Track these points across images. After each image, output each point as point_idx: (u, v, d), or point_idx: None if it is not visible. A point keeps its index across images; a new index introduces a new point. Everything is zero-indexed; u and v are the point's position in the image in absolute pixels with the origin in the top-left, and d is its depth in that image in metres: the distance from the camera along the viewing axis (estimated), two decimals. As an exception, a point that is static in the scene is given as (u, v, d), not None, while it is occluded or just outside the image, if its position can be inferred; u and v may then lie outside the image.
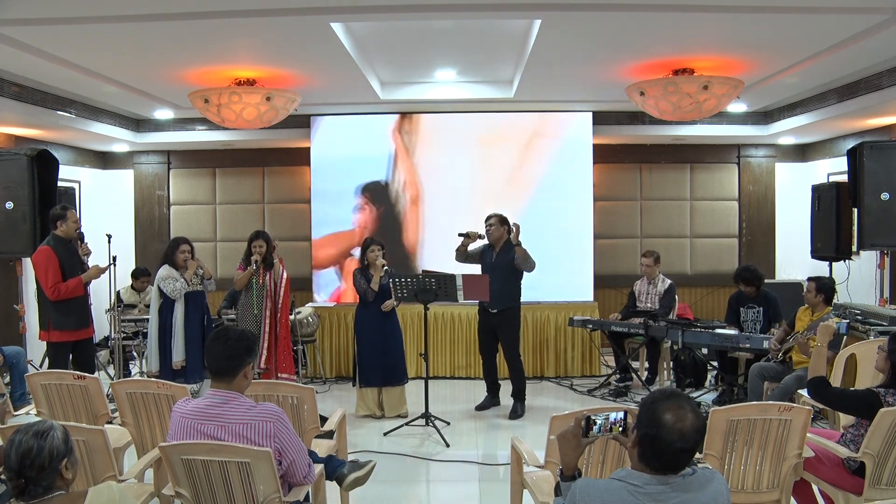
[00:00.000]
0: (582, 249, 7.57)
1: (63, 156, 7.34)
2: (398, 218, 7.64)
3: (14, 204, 5.90)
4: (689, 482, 1.94)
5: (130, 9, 4.03)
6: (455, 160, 7.55)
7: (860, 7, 4.09)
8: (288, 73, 5.67)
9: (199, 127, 7.82)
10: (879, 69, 5.54)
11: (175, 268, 5.52)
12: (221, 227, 8.49)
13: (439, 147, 7.58)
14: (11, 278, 6.45)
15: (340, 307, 7.39)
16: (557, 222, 7.51)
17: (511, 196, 7.48)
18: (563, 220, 7.53)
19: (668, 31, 4.59)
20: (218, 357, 2.69)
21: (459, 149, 7.55)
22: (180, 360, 5.41)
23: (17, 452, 2.00)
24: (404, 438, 5.31)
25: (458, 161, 7.55)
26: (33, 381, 3.85)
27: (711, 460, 3.09)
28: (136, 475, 3.31)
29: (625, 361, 6.65)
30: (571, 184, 7.56)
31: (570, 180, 7.56)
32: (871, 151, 5.96)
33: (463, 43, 5.49)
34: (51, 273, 5.03)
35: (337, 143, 7.63)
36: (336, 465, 3.28)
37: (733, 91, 5.30)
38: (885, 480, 3.15)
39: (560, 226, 7.52)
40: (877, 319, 5.60)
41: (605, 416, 2.20)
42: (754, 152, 8.40)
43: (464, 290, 5.43)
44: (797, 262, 8.26)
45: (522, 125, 7.57)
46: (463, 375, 7.28)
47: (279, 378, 5.68)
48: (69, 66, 5.22)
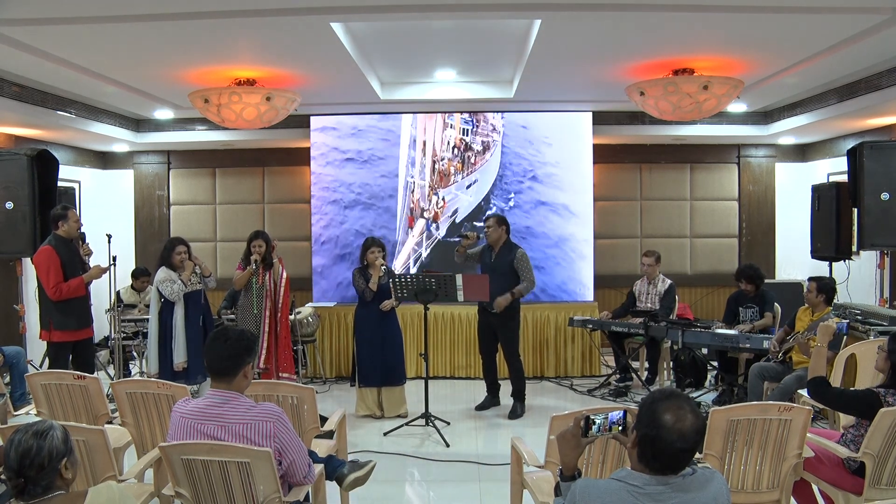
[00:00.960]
0: (582, 249, 7.58)
1: (63, 156, 7.35)
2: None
3: (14, 204, 5.90)
4: (689, 482, 1.94)
5: (130, 9, 4.03)
6: (455, 160, 7.55)
7: (860, 7, 4.09)
8: (288, 73, 5.67)
9: (199, 127, 7.82)
10: (879, 69, 5.54)
11: (172, 269, 5.51)
12: (221, 227, 8.49)
13: (439, 147, 7.57)
14: (11, 278, 6.45)
15: (340, 307, 7.39)
16: (557, 222, 7.52)
17: (511, 196, 7.48)
18: (563, 220, 7.54)
19: (668, 31, 4.59)
20: (217, 357, 2.69)
21: (460, 148, 7.55)
22: (182, 362, 5.40)
23: (17, 452, 2.00)
24: (404, 438, 5.31)
25: (458, 161, 7.54)
26: (33, 381, 3.85)
27: (711, 460, 3.09)
28: (136, 475, 3.32)
29: (625, 361, 6.65)
30: (571, 184, 7.56)
31: (571, 180, 7.57)
32: (871, 151, 5.96)
33: (463, 43, 5.49)
34: (52, 273, 5.04)
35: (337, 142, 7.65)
36: (336, 465, 3.29)
37: (733, 91, 5.30)
38: (885, 480, 3.15)
39: (560, 226, 7.53)
40: (877, 319, 5.60)
41: (605, 415, 2.20)
42: (754, 152, 8.41)
43: (464, 290, 5.44)
44: (797, 262, 8.27)
45: (522, 125, 7.57)
46: (463, 375, 7.28)
47: (280, 378, 5.69)
48: (69, 66, 5.22)
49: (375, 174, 7.62)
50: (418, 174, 7.60)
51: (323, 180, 7.66)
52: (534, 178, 7.56)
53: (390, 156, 7.61)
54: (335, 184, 7.65)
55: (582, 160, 7.57)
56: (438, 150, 7.57)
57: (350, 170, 7.63)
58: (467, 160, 7.56)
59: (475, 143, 7.56)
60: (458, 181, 7.56)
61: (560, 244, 7.52)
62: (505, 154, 7.57)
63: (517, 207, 7.52)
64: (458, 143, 7.55)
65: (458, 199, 7.57)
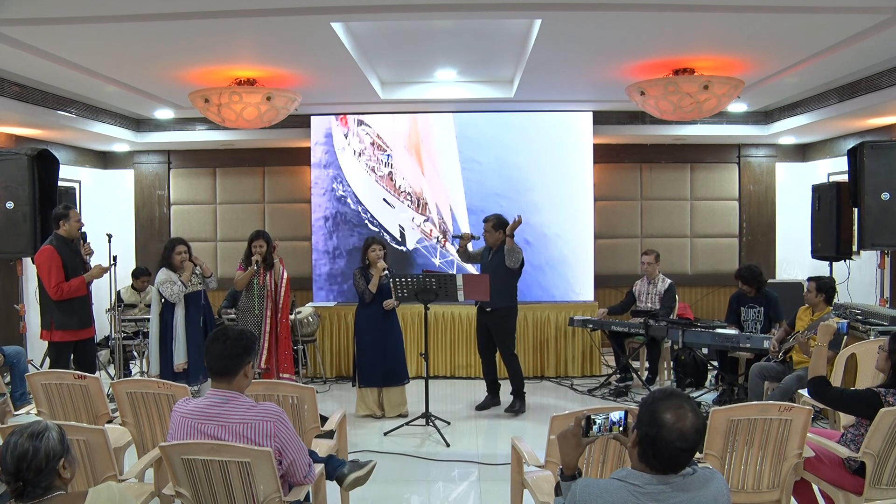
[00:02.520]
0: (582, 249, 7.58)
1: (63, 155, 7.35)
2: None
3: (15, 204, 5.90)
4: (690, 482, 1.94)
5: (130, 9, 4.03)
6: (455, 160, 7.55)
7: (860, 7, 4.09)
8: (288, 73, 5.67)
9: (199, 127, 7.82)
10: (879, 69, 5.54)
11: (173, 269, 5.51)
12: (222, 226, 8.49)
13: (440, 146, 7.58)
14: (12, 278, 6.45)
15: (340, 307, 7.39)
16: (557, 222, 7.52)
17: (511, 196, 7.49)
18: (563, 220, 7.54)
19: (668, 31, 4.59)
20: (217, 357, 2.69)
21: (460, 148, 7.55)
22: (182, 363, 5.40)
23: (14, 455, 1.98)
24: (404, 438, 5.31)
25: (458, 160, 7.55)
26: (34, 381, 3.86)
27: (712, 460, 3.09)
28: (136, 475, 3.32)
29: (625, 361, 6.65)
30: (571, 184, 7.56)
31: (570, 180, 7.56)
32: (872, 151, 5.96)
33: (463, 43, 5.49)
34: (53, 273, 5.04)
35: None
36: (336, 465, 3.29)
37: (734, 91, 5.30)
38: (886, 480, 3.15)
39: (560, 226, 7.53)
40: (877, 319, 5.60)
41: (605, 415, 2.20)
42: (755, 152, 8.40)
43: (464, 289, 5.44)
44: (797, 262, 8.27)
45: (522, 125, 7.57)
46: (463, 375, 7.28)
47: (281, 378, 5.70)
48: (69, 66, 5.22)
49: (376, 174, 7.62)
50: (418, 174, 7.60)
51: (323, 180, 7.66)
52: (534, 178, 7.55)
53: (390, 156, 7.61)
54: (335, 183, 7.65)
55: (582, 160, 7.57)
56: (439, 149, 7.58)
57: (350, 169, 7.63)
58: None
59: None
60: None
61: (560, 244, 7.52)
62: (505, 154, 7.57)
63: (517, 207, 7.51)
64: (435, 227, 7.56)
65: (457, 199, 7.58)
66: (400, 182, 7.60)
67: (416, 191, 7.59)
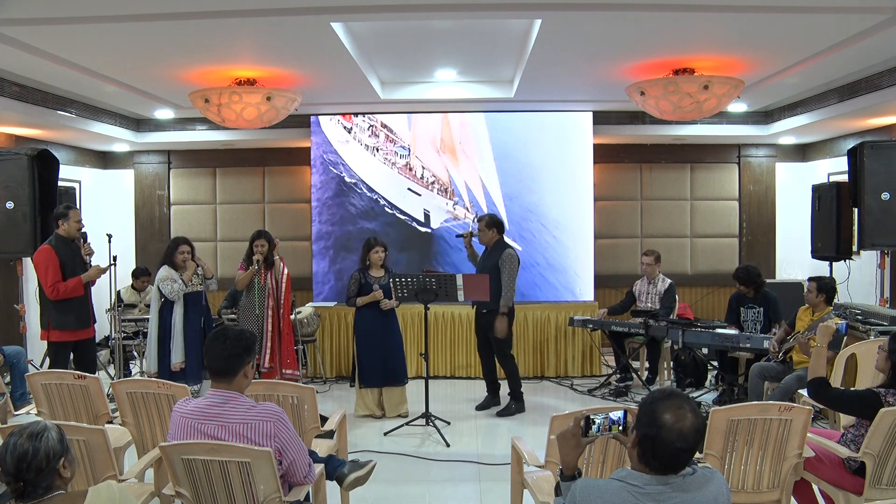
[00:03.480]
0: (582, 249, 7.58)
1: (63, 155, 7.35)
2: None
3: (14, 204, 5.90)
4: (689, 482, 1.94)
5: (130, 9, 4.03)
6: (455, 160, 7.55)
7: (860, 7, 4.09)
8: (288, 73, 5.67)
9: (199, 127, 7.82)
10: (879, 69, 5.54)
11: (175, 268, 5.51)
12: (222, 226, 8.49)
13: (439, 147, 7.58)
14: (12, 278, 6.45)
15: (340, 307, 7.39)
16: (557, 222, 7.52)
17: (511, 196, 7.49)
18: (563, 220, 7.54)
19: (668, 31, 4.59)
20: (217, 357, 2.69)
21: (459, 148, 7.55)
22: (179, 362, 5.40)
23: (13, 456, 1.98)
24: (404, 438, 5.31)
25: (457, 161, 7.55)
26: (34, 381, 3.86)
27: (711, 460, 3.09)
28: (136, 475, 3.32)
29: (625, 361, 6.65)
30: (571, 184, 7.56)
31: (570, 180, 7.57)
32: (872, 151, 5.96)
33: (463, 43, 5.49)
34: (50, 272, 5.03)
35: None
36: (336, 465, 3.29)
37: (734, 91, 5.30)
38: (886, 480, 3.15)
39: (560, 226, 7.53)
40: (877, 319, 5.60)
41: (605, 415, 2.20)
42: (755, 152, 8.40)
43: (464, 289, 5.44)
44: (797, 262, 8.26)
45: (522, 125, 7.57)
46: (463, 375, 7.28)
47: (283, 375, 5.71)
48: (69, 66, 5.22)
49: (375, 173, 7.62)
50: (418, 174, 7.60)
51: (323, 180, 7.66)
52: (534, 178, 7.55)
53: (390, 155, 7.61)
54: (335, 183, 7.65)
55: (582, 160, 7.57)
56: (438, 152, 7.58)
57: (350, 169, 7.63)
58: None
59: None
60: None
61: (560, 244, 7.52)
62: (505, 153, 7.57)
63: (517, 207, 7.52)
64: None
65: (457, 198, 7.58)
66: (420, 172, 7.60)
67: (440, 178, 7.58)
